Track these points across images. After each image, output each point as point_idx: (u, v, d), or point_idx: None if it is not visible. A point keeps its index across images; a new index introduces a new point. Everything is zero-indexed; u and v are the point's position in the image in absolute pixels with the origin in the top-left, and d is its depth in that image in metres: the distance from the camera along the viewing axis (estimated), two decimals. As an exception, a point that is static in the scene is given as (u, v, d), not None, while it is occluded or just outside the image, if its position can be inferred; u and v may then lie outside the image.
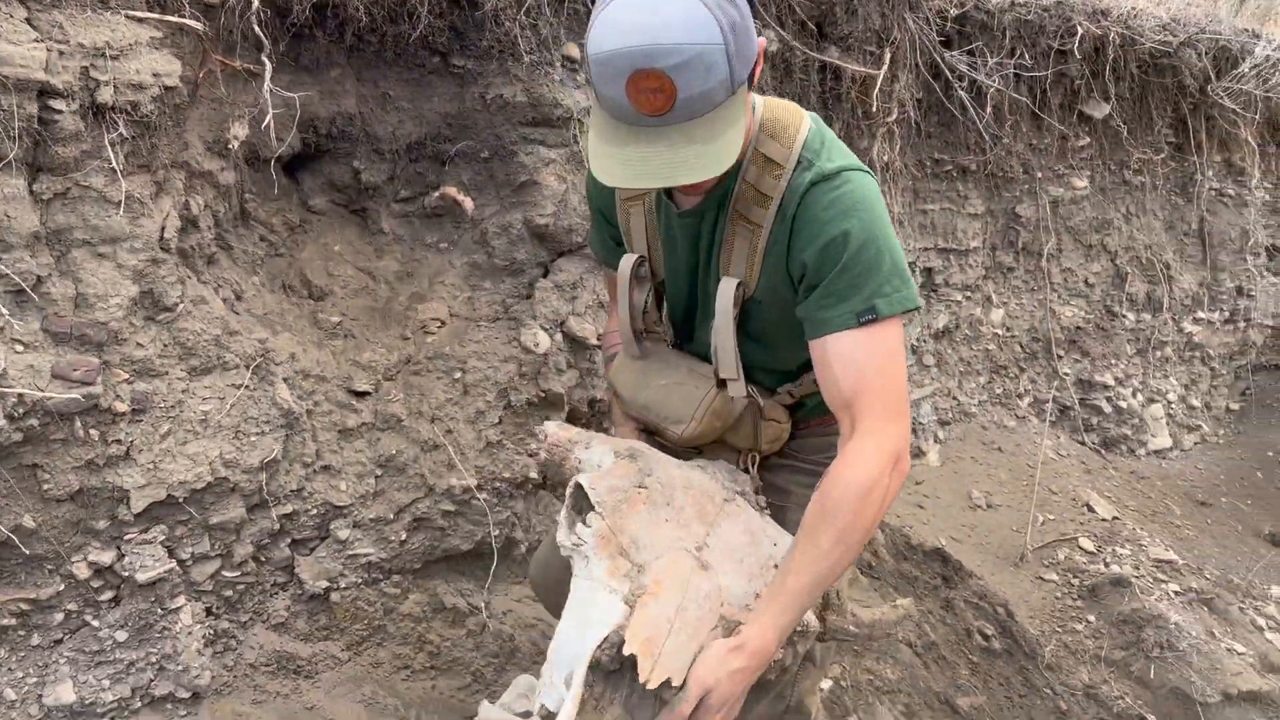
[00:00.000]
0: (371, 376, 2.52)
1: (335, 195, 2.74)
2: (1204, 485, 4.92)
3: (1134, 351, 4.99)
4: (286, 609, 2.34)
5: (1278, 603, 4.14)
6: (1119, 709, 3.28)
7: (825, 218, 1.52)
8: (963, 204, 4.31)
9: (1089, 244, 4.80)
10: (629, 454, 1.59)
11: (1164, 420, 5.09)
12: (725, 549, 1.50)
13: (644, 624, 1.33)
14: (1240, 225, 5.30)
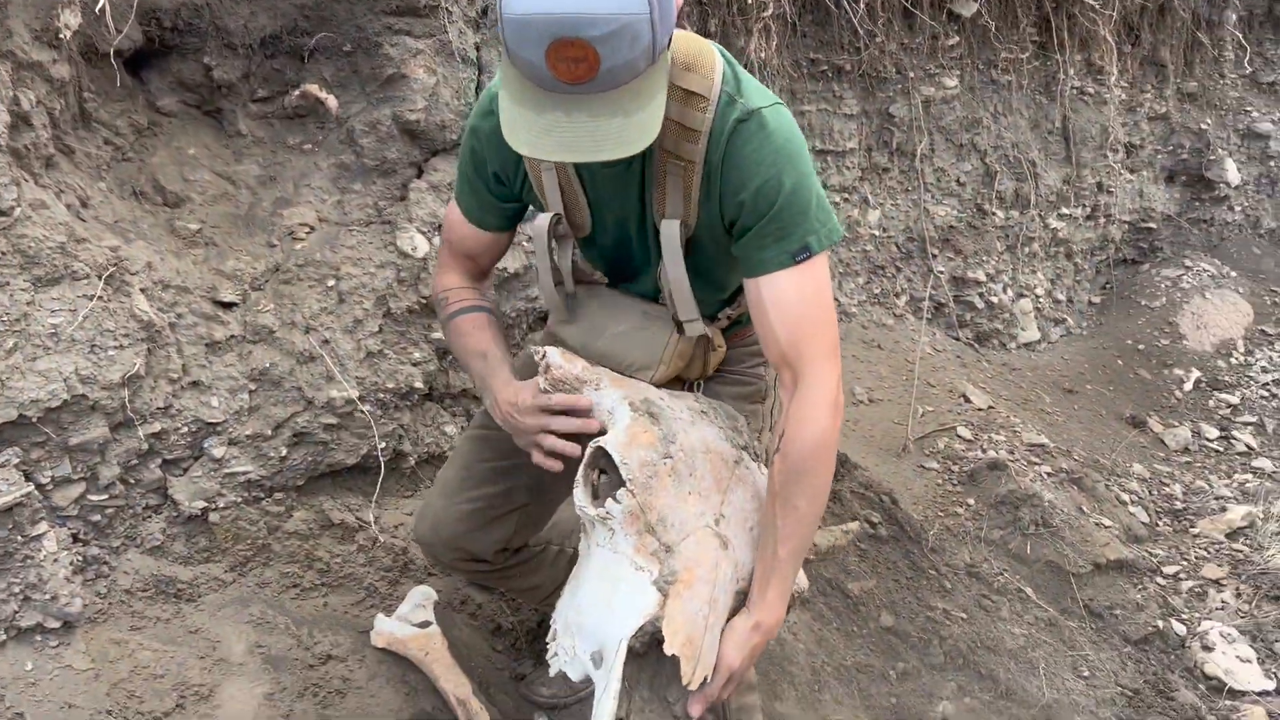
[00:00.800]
0: (238, 286, 2.38)
1: (186, 95, 2.55)
2: (1070, 374, 5.14)
3: (1004, 248, 5.14)
4: (162, 532, 2.22)
5: (1138, 478, 4.39)
6: (999, 584, 3.42)
7: (756, 160, 1.53)
8: (838, 105, 4.32)
9: (960, 143, 4.88)
10: (645, 410, 1.51)
11: (1032, 314, 5.28)
12: (738, 518, 1.52)
13: (683, 622, 1.34)
14: (1100, 123, 5.48)
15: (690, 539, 1.43)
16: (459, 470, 2.06)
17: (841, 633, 3.13)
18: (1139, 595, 3.53)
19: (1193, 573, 3.83)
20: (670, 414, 1.54)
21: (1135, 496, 4.24)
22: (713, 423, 1.62)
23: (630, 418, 1.51)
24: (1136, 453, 4.63)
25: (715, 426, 1.61)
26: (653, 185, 1.61)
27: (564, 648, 1.44)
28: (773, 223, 1.55)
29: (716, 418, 1.63)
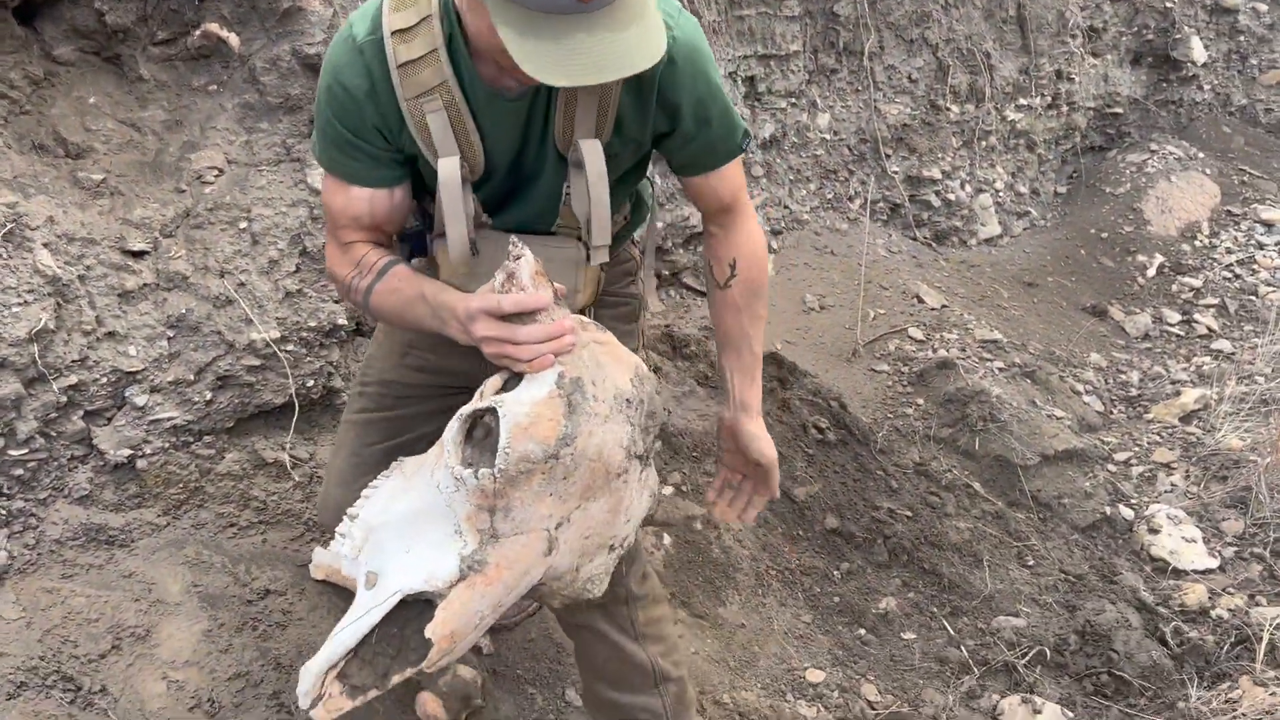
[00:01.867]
0: (148, 234, 2.38)
1: (82, 43, 2.52)
2: (1032, 268, 5.14)
3: (960, 144, 5.09)
4: (89, 481, 2.27)
5: (1095, 368, 4.41)
6: (947, 481, 3.48)
7: (689, 74, 1.57)
8: (779, 6, 4.24)
9: (910, 39, 4.80)
10: (568, 394, 1.39)
11: (992, 209, 5.25)
12: (582, 526, 1.47)
13: (458, 616, 1.33)
14: (1057, 8, 5.37)
15: (520, 538, 1.38)
16: (348, 458, 2.00)
17: (786, 537, 3.19)
18: (1088, 484, 3.58)
19: (1144, 458, 3.89)
20: (588, 408, 1.42)
21: (1090, 386, 4.27)
22: (628, 419, 1.48)
23: (547, 391, 1.39)
24: (1095, 342, 4.66)
25: (628, 424, 1.48)
26: (557, 109, 1.56)
27: (350, 531, 1.44)
28: (711, 133, 1.66)
29: (637, 411, 1.51)
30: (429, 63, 1.49)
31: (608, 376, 1.47)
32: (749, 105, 4.19)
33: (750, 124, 4.17)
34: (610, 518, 1.51)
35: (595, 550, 1.52)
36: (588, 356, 1.46)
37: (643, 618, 2.01)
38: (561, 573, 1.48)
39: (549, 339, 1.41)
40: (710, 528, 3.08)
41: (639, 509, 1.58)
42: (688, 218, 3.85)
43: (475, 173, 1.61)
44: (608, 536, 1.53)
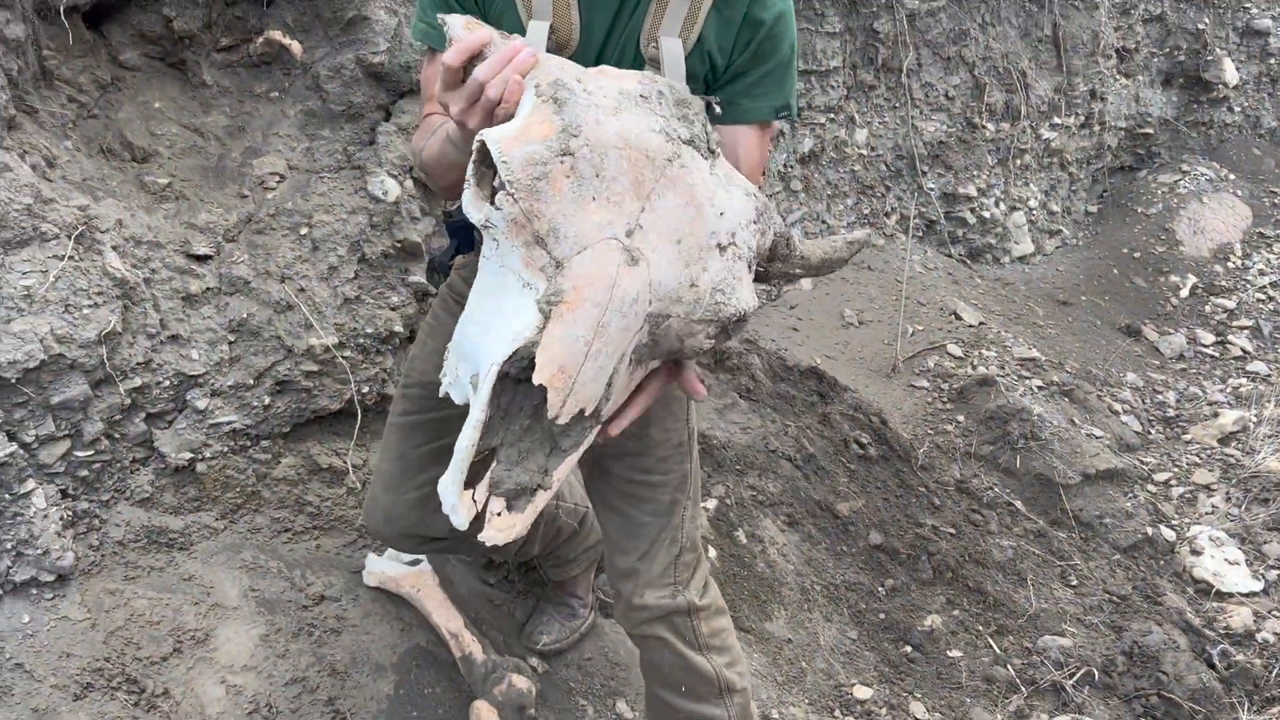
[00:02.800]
0: (211, 239, 2.39)
1: (149, 48, 2.54)
2: (1065, 286, 5.13)
3: (995, 162, 5.09)
4: (151, 483, 2.27)
5: (1131, 388, 4.40)
6: (988, 499, 3.47)
7: (774, 11, 1.56)
8: (820, 23, 4.25)
9: (947, 56, 4.81)
10: (551, 95, 1.25)
11: (1026, 227, 5.25)
12: (662, 229, 1.29)
13: (558, 348, 1.18)
14: (1091, 28, 5.38)
15: (586, 254, 1.22)
16: (394, 461, 2.03)
17: (830, 553, 3.19)
18: (1129, 504, 3.57)
19: (1184, 479, 3.87)
20: (583, 100, 1.27)
21: (1128, 406, 4.26)
22: (652, 110, 1.33)
23: (531, 104, 1.26)
24: (1130, 362, 4.64)
25: (652, 115, 1.33)
26: (645, 7, 1.56)
27: (449, 369, 1.32)
28: (772, 73, 1.60)
29: (660, 103, 1.36)
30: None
31: (602, 82, 1.33)
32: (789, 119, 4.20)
33: (791, 138, 4.19)
34: (694, 213, 1.32)
35: (703, 253, 1.33)
36: (561, 63, 1.33)
37: (706, 629, 2.01)
38: (676, 290, 1.30)
39: (505, 63, 1.29)
40: (755, 541, 3.08)
41: (733, 201, 1.38)
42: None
43: (563, 46, 1.58)
44: (707, 234, 1.33)
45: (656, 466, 1.92)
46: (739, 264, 1.36)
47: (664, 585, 1.95)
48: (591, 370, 1.22)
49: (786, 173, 4.17)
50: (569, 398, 1.21)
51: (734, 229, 1.35)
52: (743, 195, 1.39)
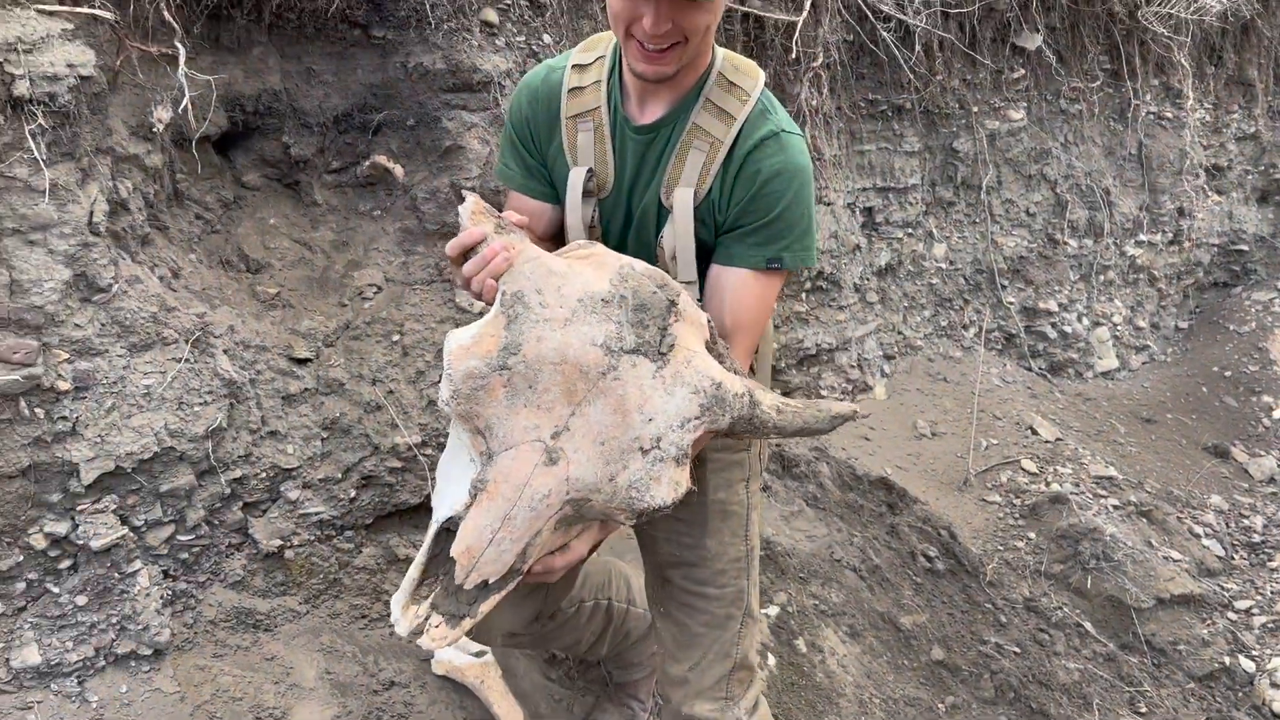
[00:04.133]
0: (312, 344, 2.63)
1: (268, 170, 2.82)
2: (1150, 403, 5.07)
3: (1077, 277, 5.11)
4: (243, 568, 2.47)
5: (1215, 511, 4.32)
6: (1057, 619, 3.45)
7: (771, 170, 1.71)
8: (899, 143, 4.40)
9: (1028, 174, 4.90)
10: (509, 306, 1.49)
11: (1110, 343, 5.22)
12: (588, 432, 1.49)
13: (469, 532, 1.42)
14: (1179, 147, 5.40)
15: (509, 453, 1.45)
16: None
17: (891, 666, 3.20)
18: (1206, 631, 3.50)
19: (1267, 608, 3.77)
20: (535, 315, 1.49)
21: (1210, 529, 4.17)
22: (606, 317, 1.52)
23: (494, 311, 1.50)
24: (1216, 483, 4.55)
25: (606, 322, 1.52)
26: (672, 155, 1.77)
27: (435, 497, 1.59)
28: (763, 229, 1.73)
29: (619, 307, 1.53)
30: (592, 91, 1.80)
31: (570, 282, 1.52)
32: (866, 234, 4.33)
33: (867, 251, 4.31)
34: (620, 419, 1.49)
35: (624, 455, 1.49)
36: (534, 269, 1.51)
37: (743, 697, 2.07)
38: (594, 484, 1.47)
39: (483, 265, 1.52)
40: (815, 651, 3.12)
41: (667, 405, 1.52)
42: (801, 340, 3.97)
43: (601, 188, 1.84)
44: (630, 439, 1.49)
45: (713, 579, 2.01)
46: (660, 465, 1.51)
47: (715, 699, 2.03)
48: (493, 553, 1.44)
49: (862, 285, 4.28)
50: (471, 573, 1.43)
51: (659, 433, 1.51)
52: (687, 395, 1.54)
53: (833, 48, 3.78)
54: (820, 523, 3.53)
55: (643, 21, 1.56)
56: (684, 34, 1.59)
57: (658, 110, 1.75)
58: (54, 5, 2.06)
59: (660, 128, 1.75)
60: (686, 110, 1.74)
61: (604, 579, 2.45)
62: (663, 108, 1.75)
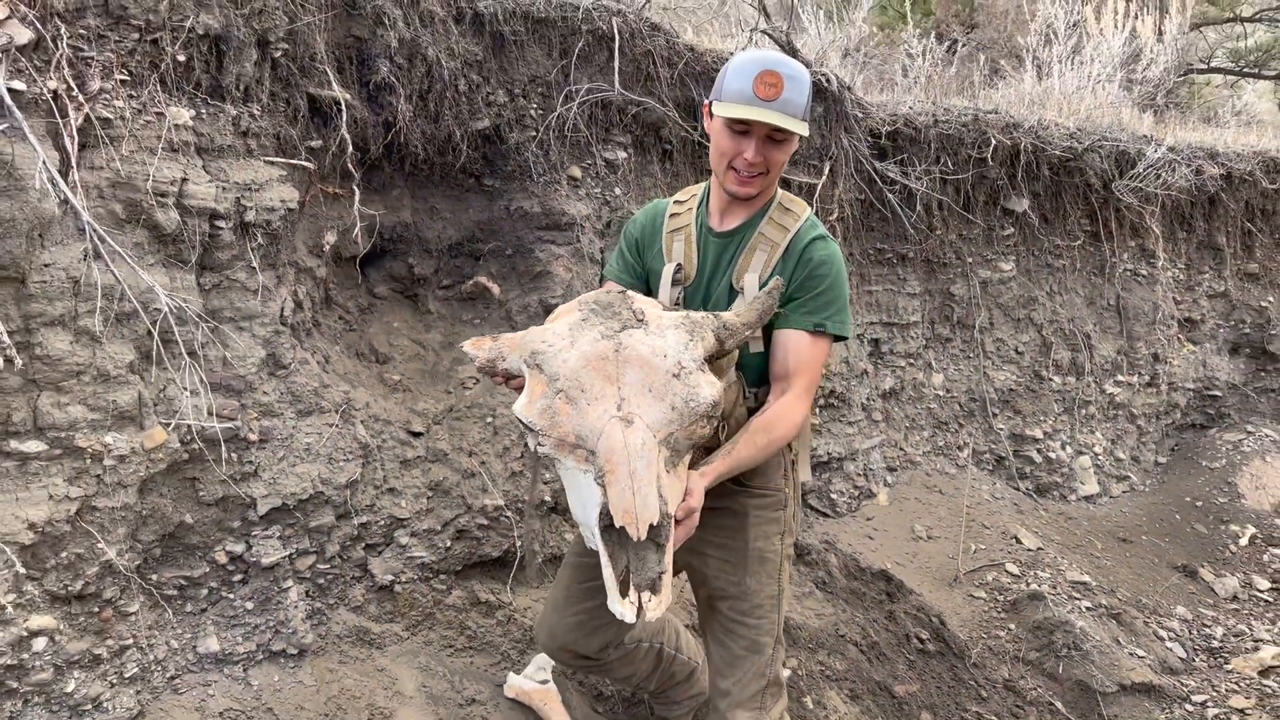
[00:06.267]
0: (424, 421, 3.29)
1: (394, 284, 3.55)
2: (1127, 525, 5.64)
3: (1061, 410, 5.76)
4: (362, 596, 3.07)
5: (1180, 619, 4.85)
6: (1032, 697, 3.97)
7: (818, 260, 2.36)
8: (902, 285, 5.13)
9: (1017, 318, 5.61)
10: (535, 364, 1.96)
11: (1091, 470, 5.83)
12: (636, 390, 1.92)
13: (616, 501, 1.84)
14: (1152, 300, 6.12)
15: (602, 438, 1.85)
16: (563, 591, 2.76)
17: (886, 725, 3.73)
18: (1163, 716, 4.01)
19: (1220, 702, 4.27)
20: (550, 352, 1.95)
21: (1174, 633, 4.70)
22: (591, 325, 2.00)
23: (528, 375, 1.97)
24: (1183, 597, 5.09)
25: (594, 329, 1.98)
26: (742, 253, 2.43)
27: (584, 535, 2.04)
28: (811, 300, 2.33)
29: (594, 315, 2.02)
30: (686, 215, 2.50)
31: (555, 328, 2.03)
32: (873, 361, 5.02)
33: (874, 376, 4.99)
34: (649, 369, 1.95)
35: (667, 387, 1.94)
36: (529, 337, 2.05)
37: (776, 711, 2.57)
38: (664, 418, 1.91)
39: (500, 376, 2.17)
40: (820, 708, 3.66)
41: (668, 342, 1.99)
42: (815, 449, 4.61)
43: (686, 277, 2.49)
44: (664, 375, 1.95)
45: (752, 611, 2.55)
46: (691, 376, 1.98)
47: (751, 708, 2.53)
48: (642, 503, 1.82)
49: (869, 405, 4.94)
50: (637, 525, 1.82)
51: (677, 359, 1.98)
52: (673, 330, 2.04)
53: (846, 205, 4.54)
54: (828, 604, 4.10)
55: (744, 155, 2.28)
56: (768, 166, 2.31)
57: (733, 223, 2.44)
58: (274, 157, 2.82)
59: (735, 234, 2.42)
60: (755, 223, 2.42)
61: (659, 627, 3.01)
62: (737, 221, 2.43)
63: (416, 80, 3.17)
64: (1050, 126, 5.45)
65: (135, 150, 2.46)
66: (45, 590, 2.38)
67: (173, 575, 2.71)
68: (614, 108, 3.66)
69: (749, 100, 2.22)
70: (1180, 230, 6.46)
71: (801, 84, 2.26)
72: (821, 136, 4.34)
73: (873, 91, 5.11)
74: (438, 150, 3.34)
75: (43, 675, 2.36)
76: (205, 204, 2.59)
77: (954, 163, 4.97)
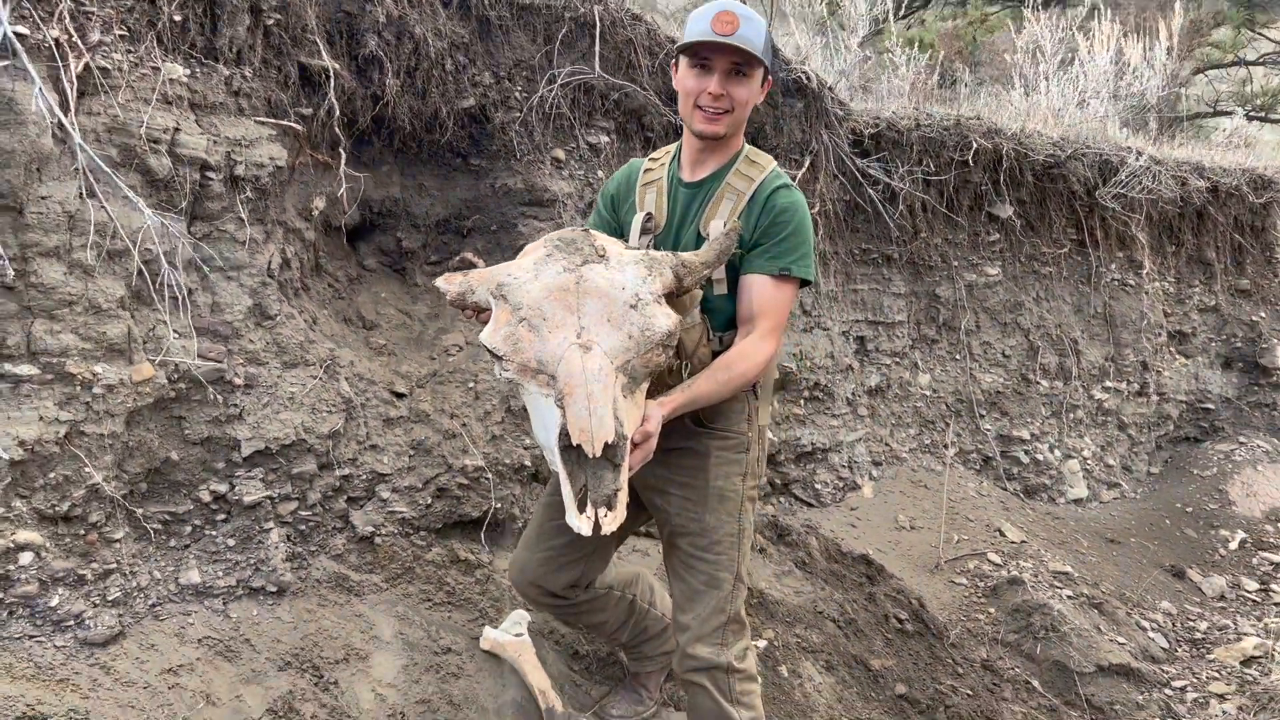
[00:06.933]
0: (408, 383, 3.42)
1: (383, 258, 3.70)
2: (1115, 528, 5.68)
3: (1049, 413, 5.83)
4: (343, 545, 3.17)
5: (1165, 613, 4.88)
6: (1009, 675, 4.01)
7: (781, 206, 2.48)
8: (887, 285, 5.24)
9: (1004, 322, 5.70)
10: (501, 295, 2.11)
11: (1080, 474, 5.88)
12: (595, 320, 2.06)
13: (573, 421, 1.97)
14: (1140, 309, 6.21)
15: (561, 362, 1.99)
16: (534, 529, 2.88)
17: (860, 696, 3.77)
18: (1141, 697, 4.03)
19: (1200, 688, 4.29)
20: (515, 284, 2.09)
21: (1156, 625, 4.73)
22: (554, 260, 2.13)
23: (494, 306, 2.10)
24: (1169, 594, 5.11)
25: (556, 262, 2.12)
26: (709, 203, 2.55)
27: (546, 458, 2.14)
28: (774, 246, 2.43)
29: (557, 250, 2.16)
30: (659, 170, 2.64)
31: (520, 262, 2.19)
32: (859, 358, 5.12)
33: (860, 372, 5.08)
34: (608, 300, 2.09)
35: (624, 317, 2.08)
36: (496, 271, 2.21)
37: (739, 688, 2.63)
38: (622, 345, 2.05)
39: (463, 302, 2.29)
40: (795, 676, 3.71)
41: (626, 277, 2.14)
42: (799, 438, 4.70)
43: (657, 226, 2.62)
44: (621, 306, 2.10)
45: (711, 547, 2.62)
46: (648, 308, 2.11)
47: (711, 643, 2.59)
48: (597, 422, 1.95)
49: (854, 400, 5.03)
50: (593, 443, 1.94)
51: (635, 292, 2.13)
52: (632, 265, 2.17)
53: (829, 201, 4.68)
54: (807, 583, 4.16)
55: (708, 90, 2.42)
56: (732, 102, 2.44)
57: (702, 174, 2.57)
58: (265, 118, 2.99)
59: (703, 184, 2.55)
60: (722, 174, 2.55)
61: (633, 578, 3.10)
62: (706, 171, 2.56)
63: (404, 57, 3.35)
64: (1033, 135, 5.59)
65: (131, 100, 2.63)
66: (33, 508, 2.50)
67: (158, 510, 2.83)
68: (596, 93, 3.83)
69: (707, 35, 2.39)
70: (1169, 243, 6.57)
71: (757, 26, 2.42)
72: (802, 132, 4.49)
73: (857, 99, 5.27)
74: (425, 126, 3.51)
75: (28, 588, 2.47)
76: (196, 154, 2.75)
77: (936, 164, 5.11)
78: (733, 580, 2.64)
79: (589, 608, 2.98)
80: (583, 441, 1.95)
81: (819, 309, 4.87)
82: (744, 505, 2.68)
